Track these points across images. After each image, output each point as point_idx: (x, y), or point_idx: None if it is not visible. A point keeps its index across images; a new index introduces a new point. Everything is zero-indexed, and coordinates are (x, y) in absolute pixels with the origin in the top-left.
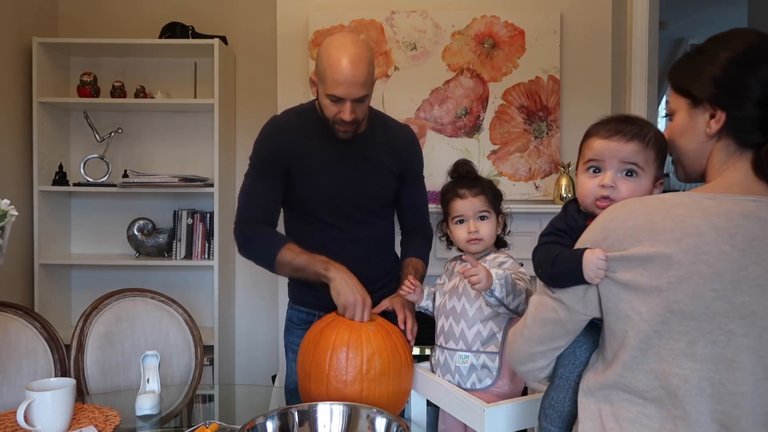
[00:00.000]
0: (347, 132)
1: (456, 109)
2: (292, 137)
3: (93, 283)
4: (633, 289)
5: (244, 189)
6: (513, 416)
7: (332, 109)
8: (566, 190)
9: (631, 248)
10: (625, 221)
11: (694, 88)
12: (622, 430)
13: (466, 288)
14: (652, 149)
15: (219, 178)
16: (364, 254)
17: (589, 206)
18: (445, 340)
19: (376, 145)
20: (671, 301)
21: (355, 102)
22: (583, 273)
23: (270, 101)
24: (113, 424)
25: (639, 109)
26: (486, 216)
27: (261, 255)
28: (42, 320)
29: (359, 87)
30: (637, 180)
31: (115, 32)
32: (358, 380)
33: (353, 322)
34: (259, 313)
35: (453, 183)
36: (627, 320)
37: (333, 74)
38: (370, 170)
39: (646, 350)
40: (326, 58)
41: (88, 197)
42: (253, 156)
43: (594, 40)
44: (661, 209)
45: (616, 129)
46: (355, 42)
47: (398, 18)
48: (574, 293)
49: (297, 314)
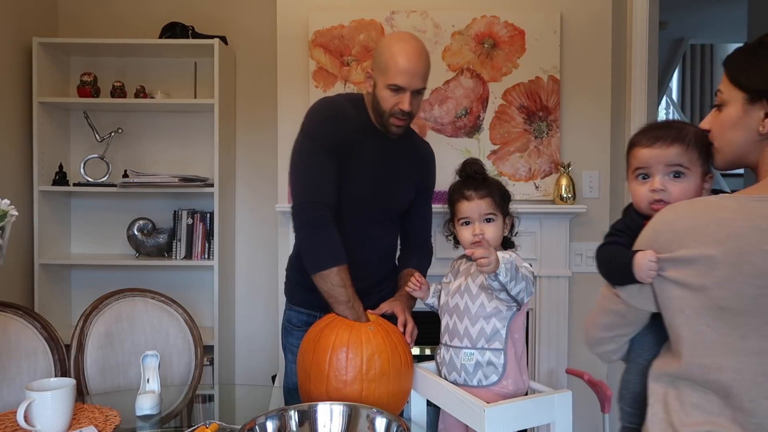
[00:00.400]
0: (400, 127)
1: (456, 109)
2: (352, 125)
3: (93, 283)
4: (683, 287)
5: (307, 166)
6: (513, 416)
7: (391, 100)
8: (566, 190)
9: (678, 250)
10: (674, 224)
11: (755, 83)
12: (685, 413)
13: (469, 286)
14: (694, 149)
15: (219, 178)
16: (376, 257)
17: (645, 210)
18: (449, 338)
19: (404, 153)
20: (718, 299)
21: (413, 94)
22: (635, 273)
23: (270, 101)
24: (113, 424)
25: (639, 109)
26: (492, 218)
27: (322, 254)
28: (42, 320)
29: (420, 78)
30: (685, 180)
31: (115, 32)
32: (358, 380)
33: (353, 322)
34: (259, 313)
35: (460, 183)
36: (681, 315)
37: (396, 64)
38: (398, 176)
39: (700, 344)
40: (389, 50)
41: (88, 197)
42: (316, 131)
43: (594, 40)
44: (707, 212)
45: (657, 136)
46: (415, 37)
47: (398, 18)
48: (630, 290)
49: (297, 315)
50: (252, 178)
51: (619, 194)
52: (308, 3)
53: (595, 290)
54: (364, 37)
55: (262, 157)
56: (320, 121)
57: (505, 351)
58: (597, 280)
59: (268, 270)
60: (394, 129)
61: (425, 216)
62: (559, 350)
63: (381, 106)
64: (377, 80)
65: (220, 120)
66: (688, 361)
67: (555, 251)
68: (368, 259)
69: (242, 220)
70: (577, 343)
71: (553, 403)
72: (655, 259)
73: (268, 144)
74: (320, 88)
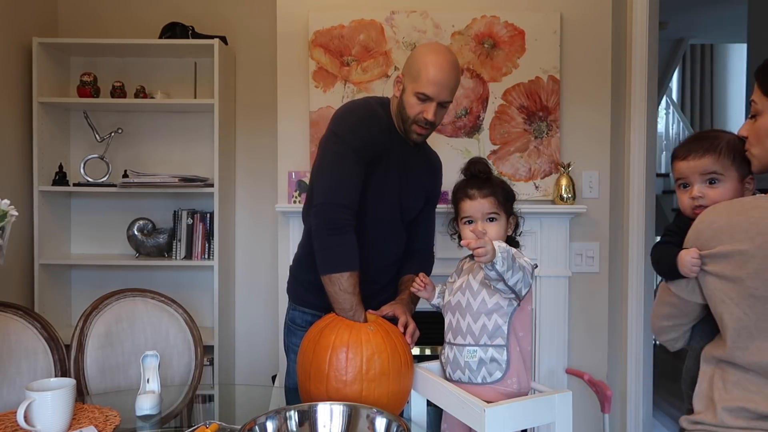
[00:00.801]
0: (421, 135)
1: (456, 109)
2: (384, 129)
3: (93, 283)
4: (723, 279)
5: (334, 166)
6: (513, 416)
7: (416, 107)
8: (566, 190)
9: (717, 246)
10: (712, 224)
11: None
12: (726, 391)
13: (470, 282)
14: (727, 156)
15: (219, 178)
16: (389, 263)
17: (689, 215)
18: (453, 335)
19: (421, 161)
20: (752, 288)
21: (439, 105)
22: (679, 270)
23: (270, 101)
24: (113, 424)
25: (639, 109)
26: (495, 218)
27: (338, 256)
28: (42, 320)
29: (449, 91)
30: (720, 185)
31: (115, 32)
32: (357, 380)
33: (353, 322)
34: (259, 313)
35: (464, 182)
36: (722, 305)
37: (427, 74)
38: (415, 182)
39: (741, 330)
40: (422, 58)
41: (88, 197)
42: (351, 137)
43: (594, 40)
44: (741, 212)
45: (690, 148)
46: (450, 51)
47: (398, 18)
48: (679, 284)
49: (301, 316)
50: (252, 178)
51: (619, 194)
52: (308, 3)
53: (595, 290)
54: (364, 37)
55: (262, 157)
56: (352, 123)
57: (507, 347)
58: (597, 280)
59: (268, 270)
60: (415, 136)
61: (429, 224)
62: (559, 350)
63: (406, 112)
64: (407, 86)
65: (220, 120)
66: (731, 345)
67: (555, 251)
68: (381, 265)
69: (242, 220)
70: (577, 343)
71: (553, 403)
72: (697, 256)
73: (268, 144)
74: (320, 88)
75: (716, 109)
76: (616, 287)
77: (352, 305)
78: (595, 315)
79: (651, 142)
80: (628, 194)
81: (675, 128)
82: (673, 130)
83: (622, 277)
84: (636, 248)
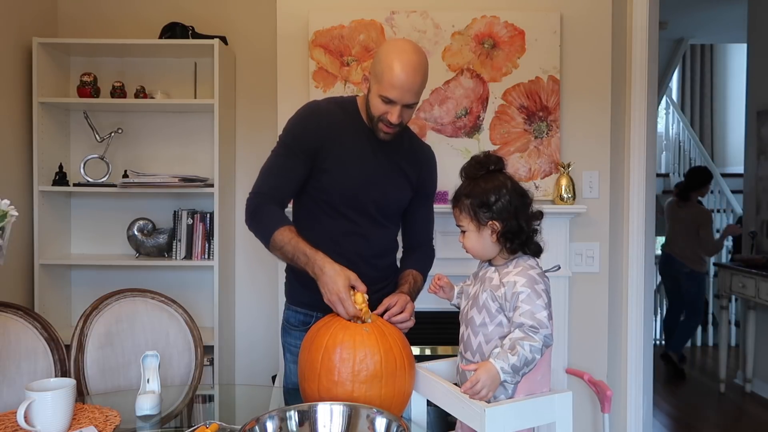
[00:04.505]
0: (388, 134)
1: (456, 109)
2: (330, 125)
3: (93, 283)
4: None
5: (267, 164)
6: (513, 416)
7: (381, 108)
8: (566, 190)
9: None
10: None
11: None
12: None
13: (487, 301)
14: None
15: (219, 178)
16: (369, 253)
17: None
18: (464, 349)
19: (402, 152)
20: None
21: (404, 107)
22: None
23: (270, 101)
24: (113, 425)
25: (639, 109)
26: (464, 229)
27: (261, 230)
28: (42, 320)
29: (413, 94)
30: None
31: (115, 32)
32: (348, 381)
33: (348, 323)
34: (259, 313)
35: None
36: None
37: (390, 77)
38: (395, 174)
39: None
40: (386, 60)
41: (88, 197)
42: (285, 134)
43: (594, 40)
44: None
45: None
46: (416, 50)
47: (398, 18)
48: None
49: (294, 315)
50: (252, 179)
51: (619, 194)
52: (308, 3)
53: (595, 290)
54: (364, 37)
55: (262, 157)
56: (290, 122)
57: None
58: (597, 280)
59: (268, 270)
60: (383, 135)
61: (425, 218)
62: (559, 350)
63: (371, 111)
64: (372, 86)
65: (220, 120)
66: None
67: (555, 251)
68: (360, 255)
69: (242, 220)
70: (577, 343)
71: (553, 403)
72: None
73: (268, 144)
74: (320, 88)
75: (716, 109)
76: (616, 287)
77: (304, 253)
78: (595, 315)
79: (651, 142)
80: (628, 194)
81: (675, 128)
82: (673, 130)
83: (622, 277)
84: (636, 248)
